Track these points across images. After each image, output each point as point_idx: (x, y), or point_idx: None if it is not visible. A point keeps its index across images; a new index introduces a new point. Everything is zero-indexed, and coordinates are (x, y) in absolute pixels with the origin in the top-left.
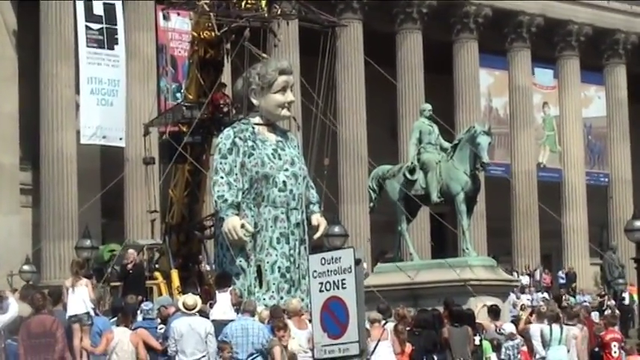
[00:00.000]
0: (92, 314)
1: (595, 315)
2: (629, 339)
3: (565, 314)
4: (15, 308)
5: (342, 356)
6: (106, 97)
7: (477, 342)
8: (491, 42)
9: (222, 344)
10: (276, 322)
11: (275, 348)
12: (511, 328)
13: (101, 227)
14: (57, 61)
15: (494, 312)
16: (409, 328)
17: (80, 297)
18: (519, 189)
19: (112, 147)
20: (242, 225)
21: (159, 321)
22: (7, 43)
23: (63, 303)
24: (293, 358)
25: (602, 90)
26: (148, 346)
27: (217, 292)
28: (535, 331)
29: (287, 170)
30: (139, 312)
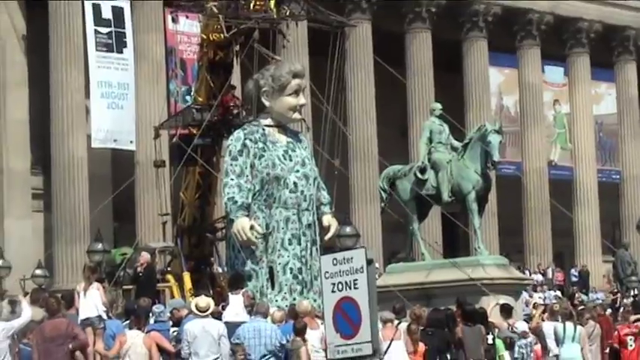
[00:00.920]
0: (104, 317)
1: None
2: None
3: (577, 312)
4: (28, 313)
5: (355, 356)
6: (116, 101)
7: (490, 341)
8: (500, 40)
9: (235, 346)
10: (299, 323)
11: (302, 349)
12: (524, 327)
13: (113, 230)
14: (66, 66)
15: (506, 310)
16: (422, 328)
17: (92, 301)
18: (531, 187)
19: (123, 150)
20: (251, 226)
21: (171, 323)
22: (17, 48)
23: (75, 307)
24: None
25: (612, 87)
26: (161, 349)
27: (230, 294)
28: (548, 329)
29: (298, 171)
30: (151, 315)
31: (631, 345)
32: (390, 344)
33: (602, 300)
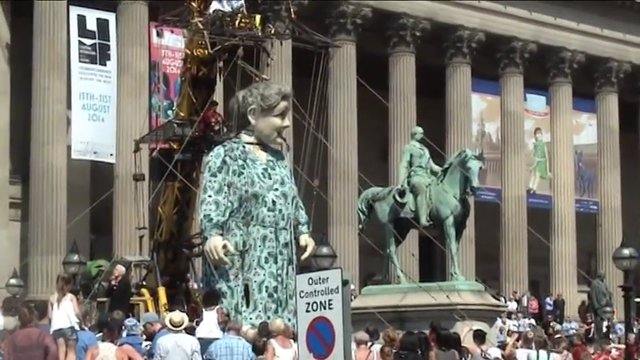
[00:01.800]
0: (77, 329)
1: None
2: None
3: (551, 341)
4: (0, 322)
5: None
6: (97, 113)
7: None
8: (484, 67)
9: None
10: (259, 343)
11: None
12: (497, 353)
13: (89, 242)
14: (49, 76)
15: (479, 336)
16: (395, 351)
17: (65, 312)
18: (509, 214)
19: (103, 162)
20: (224, 246)
21: (144, 337)
22: (0, 57)
23: (48, 318)
24: None
25: (593, 118)
26: None
27: (204, 310)
28: (522, 357)
29: (277, 190)
30: (124, 328)
31: None
32: None
33: (576, 330)
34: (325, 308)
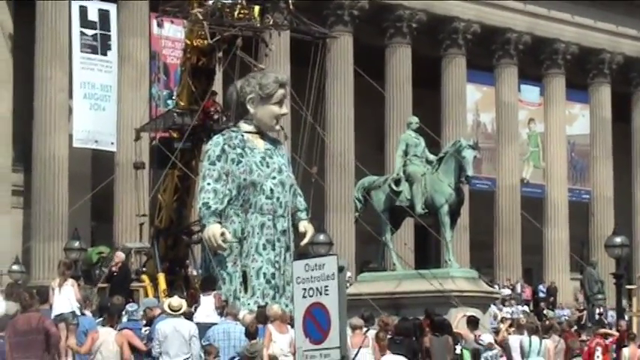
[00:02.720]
0: (78, 313)
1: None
2: None
3: (542, 327)
4: (1, 307)
5: None
6: (99, 102)
7: (458, 351)
8: (479, 58)
9: (209, 348)
10: (251, 327)
11: (264, 350)
12: (490, 339)
13: (91, 229)
14: (51, 65)
15: (472, 322)
16: (390, 336)
17: (66, 297)
18: (503, 203)
19: (104, 151)
20: (222, 233)
21: (144, 322)
22: (3, 46)
23: (49, 303)
24: None
25: (586, 108)
26: (133, 347)
27: (202, 295)
28: (514, 343)
29: (274, 178)
30: (124, 313)
31: (598, 356)
32: (359, 351)
33: (568, 317)
34: (321, 294)
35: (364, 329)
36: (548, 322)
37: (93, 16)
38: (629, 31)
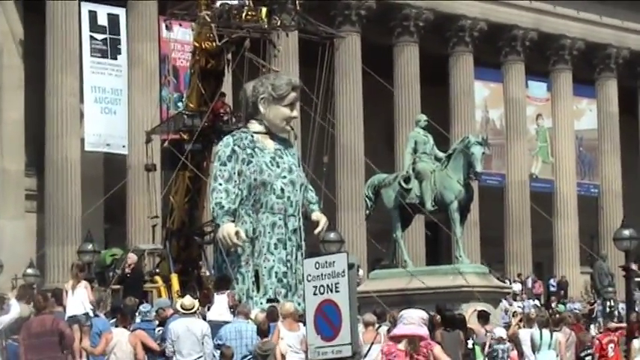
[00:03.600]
0: (91, 315)
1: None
2: None
3: (553, 320)
4: (16, 310)
5: (335, 358)
6: (109, 106)
7: (470, 346)
8: (486, 55)
9: (225, 350)
10: (263, 325)
11: (276, 348)
12: (501, 333)
13: (104, 232)
14: (62, 70)
15: (483, 317)
16: None
17: (79, 299)
18: (512, 198)
19: (115, 154)
20: (236, 232)
21: (157, 323)
22: (14, 52)
23: (63, 305)
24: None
25: (593, 103)
26: (146, 347)
27: (215, 294)
28: (525, 336)
29: (285, 177)
30: (137, 314)
31: (611, 353)
32: (371, 347)
33: (579, 310)
34: (332, 291)
35: (376, 325)
36: (558, 316)
37: (102, 21)
38: (634, 26)
